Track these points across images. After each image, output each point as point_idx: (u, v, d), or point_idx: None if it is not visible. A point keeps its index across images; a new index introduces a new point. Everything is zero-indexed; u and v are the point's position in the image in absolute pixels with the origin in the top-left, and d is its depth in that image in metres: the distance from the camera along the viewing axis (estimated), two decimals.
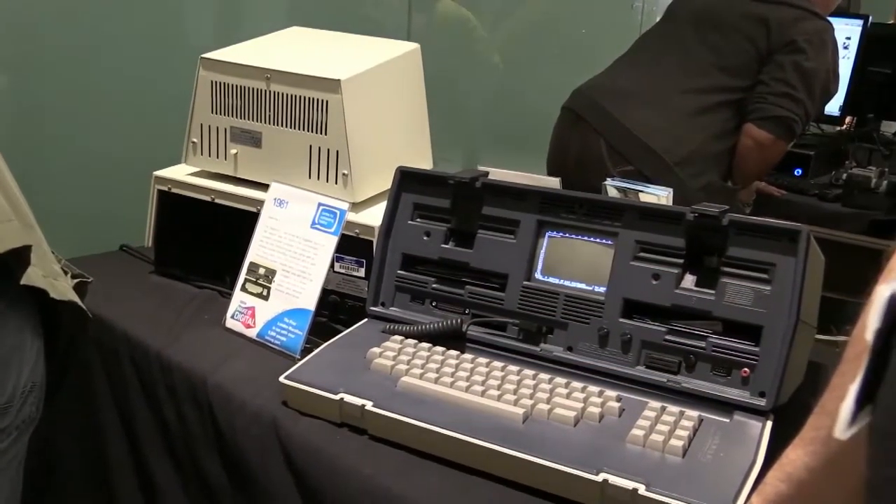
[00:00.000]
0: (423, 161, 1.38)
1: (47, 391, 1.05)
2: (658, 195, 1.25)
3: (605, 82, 2.07)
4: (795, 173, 2.54)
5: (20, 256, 0.95)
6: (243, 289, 1.20)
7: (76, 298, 1.02)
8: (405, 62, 1.33)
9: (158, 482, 1.18)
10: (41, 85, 1.92)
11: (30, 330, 0.99)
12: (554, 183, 1.30)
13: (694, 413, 0.93)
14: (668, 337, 0.98)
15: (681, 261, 1.00)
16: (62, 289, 1.00)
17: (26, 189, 1.10)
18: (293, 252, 1.17)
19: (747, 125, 1.96)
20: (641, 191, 1.27)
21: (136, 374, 1.21)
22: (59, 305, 0.99)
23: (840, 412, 0.45)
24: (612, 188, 1.30)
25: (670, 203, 1.25)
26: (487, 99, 2.81)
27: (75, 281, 1.07)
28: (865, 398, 0.45)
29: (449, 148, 1.77)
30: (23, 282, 0.94)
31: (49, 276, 0.99)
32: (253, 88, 1.24)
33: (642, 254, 1.02)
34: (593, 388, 0.97)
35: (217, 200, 1.29)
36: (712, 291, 0.97)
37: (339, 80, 1.17)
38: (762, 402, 0.91)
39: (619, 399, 0.96)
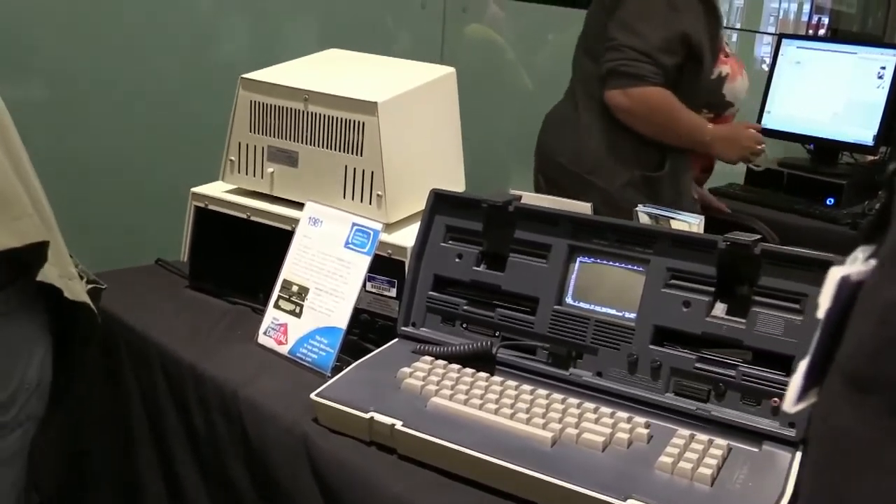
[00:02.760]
0: (456, 183, 1.40)
1: (56, 393, 1.06)
2: (689, 222, 1.25)
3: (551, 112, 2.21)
4: (828, 203, 2.53)
5: (38, 252, 0.96)
6: (276, 306, 1.22)
7: (89, 301, 1.03)
8: (441, 85, 1.35)
9: (187, 490, 1.20)
10: (83, 101, 1.97)
11: (40, 326, 1.00)
12: (586, 208, 1.31)
13: (723, 442, 0.93)
14: (697, 365, 0.98)
15: (712, 289, 1.00)
16: (77, 290, 1.02)
17: (66, 201, 1.13)
18: (326, 271, 1.19)
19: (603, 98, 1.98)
20: (673, 218, 1.27)
21: (167, 385, 1.23)
22: (72, 306, 1.01)
23: (789, 388, 0.46)
24: (644, 214, 1.30)
25: (701, 230, 1.26)
26: (518, 122, 2.83)
27: (90, 286, 1.09)
28: (815, 377, 0.46)
29: (480, 171, 1.79)
30: (39, 278, 0.95)
31: (65, 276, 1.00)
32: (291, 109, 1.27)
33: (673, 281, 1.02)
34: (622, 414, 0.97)
35: (253, 218, 1.32)
36: (743, 320, 0.97)
37: (375, 102, 1.19)
38: (792, 433, 0.91)
39: (647, 426, 0.96)
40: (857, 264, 0.46)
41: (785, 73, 2.71)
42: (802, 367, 0.47)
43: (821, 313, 0.46)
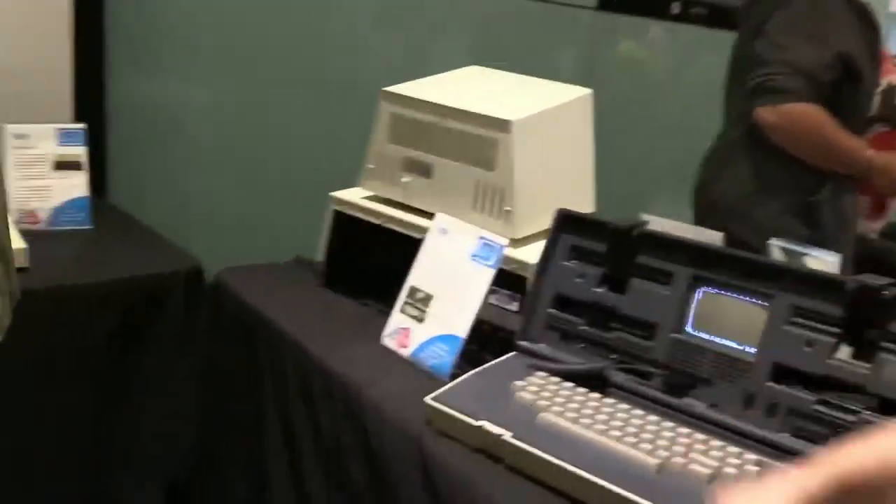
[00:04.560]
0: (584, 204, 1.41)
1: None
2: (826, 260, 1.22)
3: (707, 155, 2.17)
4: None
5: None
6: (402, 310, 1.28)
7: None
8: (577, 107, 1.37)
9: (305, 475, 1.28)
10: (243, 101, 2.11)
11: None
12: (716, 237, 1.30)
13: None
14: (817, 406, 0.96)
15: (838, 330, 0.98)
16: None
17: (220, 199, 1.23)
18: (451, 280, 1.23)
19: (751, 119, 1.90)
20: (807, 254, 1.24)
21: (297, 378, 1.31)
22: None
23: None
24: (777, 249, 1.27)
25: (837, 269, 1.22)
26: (664, 146, 2.80)
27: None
28: None
29: (618, 192, 1.81)
30: None
31: None
32: (428, 122, 1.32)
33: (797, 319, 1.00)
34: (733, 449, 0.97)
35: (386, 225, 1.38)
36: (869, 365, 0.94)
37: (510, 120, 1.23)
38: None
39: (758, 463, 0.95)
40: None
41: None
42: None
43: None
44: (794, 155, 1.88)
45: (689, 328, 1.08)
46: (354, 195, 1.45)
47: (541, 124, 1.28)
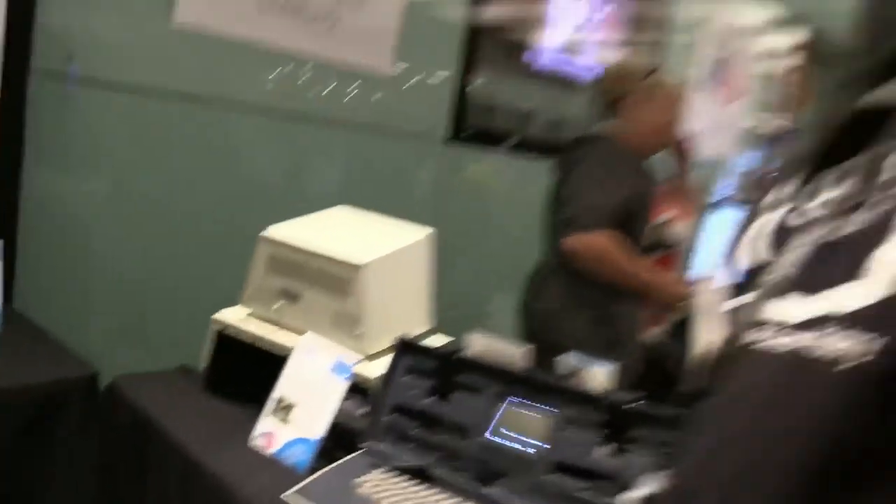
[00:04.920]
0: (423, 323, 1.73)
1: None
2: (600, 371, 1.56)
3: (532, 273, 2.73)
4: None
5: None
6: (269, 416, 1.54)
7: None
8: (420, 246, 1.69)
9: None
10: (142, 212, 2.35)
11: None
12: (522, 354, 1.63)
13: None
14: (583, 493, 1.28)
15: (601, 432, 1.31)
16: None
17: (118, 307, 1.47)
18: (312, 390, 1.51)
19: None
20: (589, 366, 1.59)
21: (179, 478, 1.54)
22: None
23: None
24: (567, 361, 1.61)
25: (609, 378, 1.57)
26: (502, 259, 3.23)
27: None
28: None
29: (462, 306, 2.18)
30: None
31: None
32: (297, 261, 1.62)
33: (573, 424, 1.33)
34: None
35: (258, 344, 1.65)
36: (620, 460, 1.28)
37: (360, 264, 1.54)
38: None
39: None
40: None
41: None
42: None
43: None
44: (594, 277, 2.30)
45: (494, 432, 1.39)
46: (233, 315, 1.72)
47: (387, 264, 1.60)
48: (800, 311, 0.49)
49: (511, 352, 1.61)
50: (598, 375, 1.56)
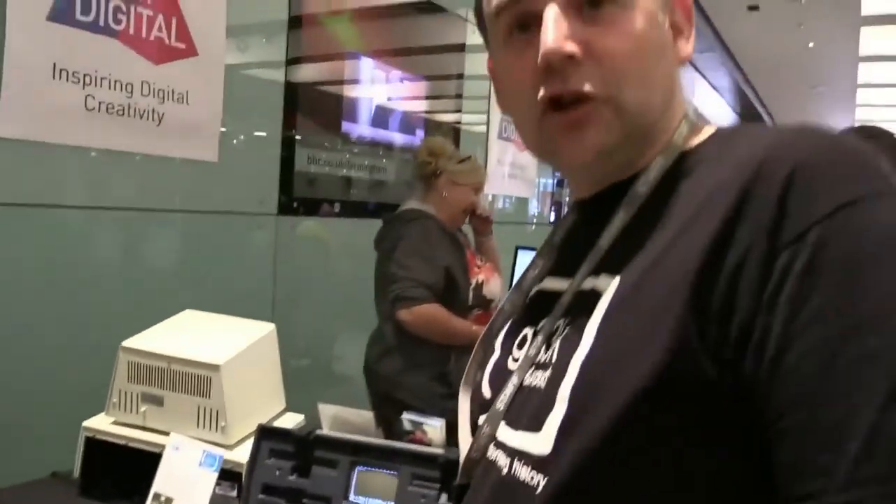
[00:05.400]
0: (278, 404, 1.96)
1: None
2: (434, 426, 1.85)
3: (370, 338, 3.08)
4: None
5: None
6: None
7: None
8: (267, 339, 1.92)
9: None
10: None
11: None
12: (368, 417, 1.90)
13: None
14: None
15: (437, 486, 1.60)
16: None
17: None
18: (185, 483, 1.70)
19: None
20: (425, 423, 1.88)
21: None
22: None
23: None
24: (406, 421, 1.90)
25: (443, 432, 1.86)
26: (345, 308, 3.49)
27: None
28: None
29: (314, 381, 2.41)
30: None
31: None
32: (158, 367, 1.80)
33: (415, 481, 1.61)
34: None
35: (129, 444, 1.82)
36: None
37: (219, 364, 1.75)
38: None
39: None
40: None
41: None
42: None
43: None
44: (428, 340, 2.63)
45: (352, 497, 1.65)
46: (102, 421, 1.88)
47: (241, 359, 1.82)
48: (511, 438, 0.79)
49: (358, 419, 1.87)
50: (434, 431, 1.85)
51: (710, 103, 12.34)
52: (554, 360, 0.76)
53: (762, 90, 12.83)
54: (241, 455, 1.76)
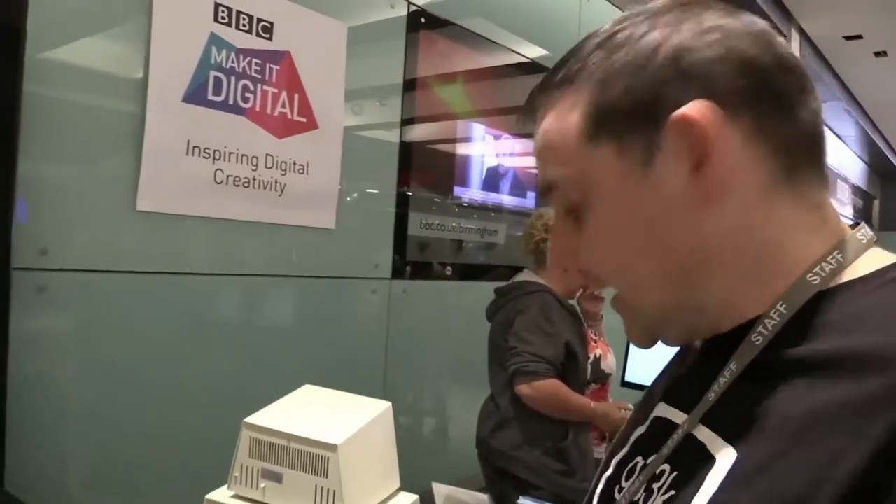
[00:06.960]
0: (393, 482, 1.96)
1: None
2: None
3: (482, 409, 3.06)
4: None
5: None
6: None
7: None
8: (383, 417, 1.94)
9: None
10: (124, 410, 2.54)
11: None
12: (483, 499, 1.88)
13: None
14: None
15: None
16: None
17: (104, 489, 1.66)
18: None
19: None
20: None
21: None
22: None
23: None
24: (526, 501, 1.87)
25: None
26: (454, 380, 3.52)
27: None
28: None
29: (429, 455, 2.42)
30: None
31: None
32: (278, 444, 1.84)
33: None
34: None
35: None
36: None
37: (336, 444, 1.78)
38: None
39: None
40: None
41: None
42: None
43: None
44: (546, 415, 2.59)
45: None
46: (224, 495, 1.93)
47: (358, 440, 1.84)
48: None
49: (472, 501, 1.86)
50: None
51: (834, 152, 11.89)
52: None
53: (893, 137, 12.28)
54: None
